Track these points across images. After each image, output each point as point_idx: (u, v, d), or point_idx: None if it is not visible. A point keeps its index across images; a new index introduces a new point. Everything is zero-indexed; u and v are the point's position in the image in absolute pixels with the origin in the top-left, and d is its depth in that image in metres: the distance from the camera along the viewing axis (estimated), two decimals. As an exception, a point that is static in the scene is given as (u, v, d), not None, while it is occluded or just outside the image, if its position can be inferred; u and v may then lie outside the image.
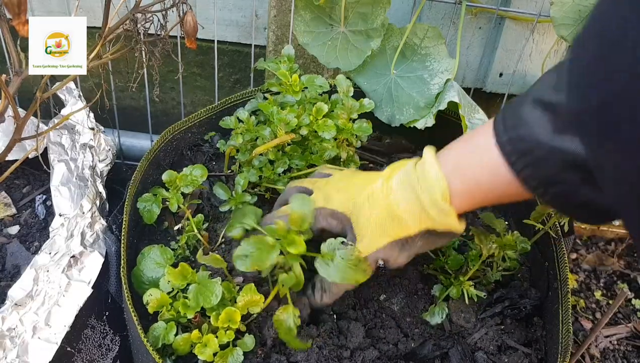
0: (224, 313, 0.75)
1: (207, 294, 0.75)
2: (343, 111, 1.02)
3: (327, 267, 0.74)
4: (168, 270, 0.78)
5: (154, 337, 0.76)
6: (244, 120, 1.02)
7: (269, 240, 0.74)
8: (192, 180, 0.93)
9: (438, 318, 0.86)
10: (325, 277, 0.73)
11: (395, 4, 1.22)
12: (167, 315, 0.77)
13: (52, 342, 0.77)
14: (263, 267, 0.73)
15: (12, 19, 0.68)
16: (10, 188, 1.10)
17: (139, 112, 1.51)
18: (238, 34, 1.36)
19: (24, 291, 0.78)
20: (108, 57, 0.83)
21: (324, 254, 0.75)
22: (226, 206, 0.94)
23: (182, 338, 0.75)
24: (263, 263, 0.72)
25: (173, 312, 0.77)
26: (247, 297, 0.77)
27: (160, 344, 0.75)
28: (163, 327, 0.76)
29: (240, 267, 0.72)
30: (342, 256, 0.74)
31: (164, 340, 0.75)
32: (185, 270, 0.78)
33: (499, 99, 1.39)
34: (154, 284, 0.82)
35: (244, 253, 0.73)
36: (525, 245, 0.88)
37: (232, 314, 0.75)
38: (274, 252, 0.73)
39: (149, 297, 0.77)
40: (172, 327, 0.76)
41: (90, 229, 0.89)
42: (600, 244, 1.62)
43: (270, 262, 0.73)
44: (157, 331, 0.76)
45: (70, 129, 1.05)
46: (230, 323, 0.75)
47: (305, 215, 0.75)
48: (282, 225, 0.75)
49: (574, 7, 1.03)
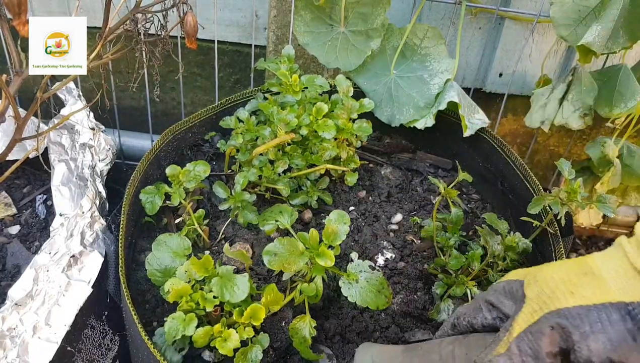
0: (249, 309, 0.73)
1: (231, 288, 0.74)
2: (343, 111, 1.02)
3: (350, 287, 0.75)
4: (191, 261, 0.76)
5: (171, 328, 0.73)
6: (244, 120, 1.03)
7: (299, 246, 0.74)
8: (194, 175, 0.94)
9: (444, 314, 0.85)
10: (347, 296, 0.74)
11: (395, 4, 1.22)
12: (185, 307, 0.75)
13: (52, 341, 0.77)
14: (288, 270, 0.73)
15: (13, 19, 0.68)
16: (11, 188, 1.10)
17: (139, 112, 1.51)
18: (238, 34, 1.37)
19: (24, 291, 0.78)
20: (108, 57, 0.83)
21: (350, 274, 0.76)
22: (225, 204, 0.94)
23: (204, 331, 0.73)
24: (290, 266, 0.73)
25: (192, 303, 0.75)
26: (270, 296, 0.76)
27: (180, 335, 0.73)
28: (182, 317, 0.73)
29: (268, 262, 0.72)
30: (367, 279, 0.75)
31: (183, 331, 0.72)
32: (208, 262, 0.77)
33: (499, 99, 1.39)
34: (167, 273, 0.80)
35: (274, 251, 0.73)
36: (527, 245, 0.88)
37: (257, 311, 0.73)
38: (302, 260, 0.73)
39: (170, 286, 0.75)
40: (193, 319, 0.73)
41: (90, 229, 0.89)
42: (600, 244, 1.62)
43: (296, 267, 0.73)
44: (176, 322, 0.73)
45: (70, 128, 1.05)
46: (252, 319, 0.74)
47: (339, 232, 0.76)
48: (315, 235, 0.75)
49: (574, 7, 1.03)
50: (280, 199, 0.99)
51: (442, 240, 0.93)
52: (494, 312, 0.63)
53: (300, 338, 0.76)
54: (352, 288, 0.75)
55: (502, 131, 1.49)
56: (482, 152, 1.11)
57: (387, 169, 1.12)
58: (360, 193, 1.08)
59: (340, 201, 1.05)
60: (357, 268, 0.76)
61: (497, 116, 1.34)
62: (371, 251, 0.95)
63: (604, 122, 1.23)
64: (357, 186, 1.09)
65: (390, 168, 1.13)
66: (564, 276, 0.55)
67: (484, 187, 1.12)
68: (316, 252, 0.75)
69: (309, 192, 1.00)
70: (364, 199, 1.07)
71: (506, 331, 0.56)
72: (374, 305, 0.75)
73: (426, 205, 1.07)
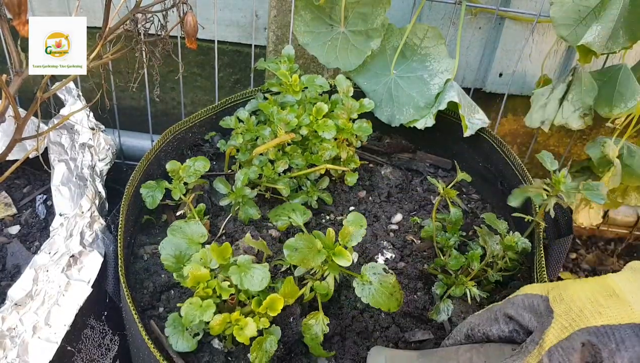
0: (268, 299, 0.73)
1: (251, 277, 0.73)
2: (343, 111, 1.02)
3: (363, 287, 0.76)
4: (212, 247, 0.75)
5: (189, 312, 0.72)
6: (244, 120, 1.03)
7: (318, 244, 0.75)
8: (194, 171, 0.95)
9: (444, 315, 0.86)
10: (360, 297, 0.75)
11: (395, 4, 1.22)
12: (201, 293, 0.74)
13: (52, 341, 0.77)
14: (306, 265, 0.74)
15: (13, 19, 0.68)
16: (11, 188, 1.10)
17: (139, 112, 1.51)
18: (238, 34, 1.37)
19: (24, 291, 0.78)
20: (108, 57, 0.83)
21: (364, 275, 0.76)
22: (226, 200, 0.94)
23: (222, 318, 0.72)
24: (308, 262, 0.73)
25: (209, 290, 0.74)
26: (288, 288, 0.76)
27: (197, 320, 0.72)
28: (199, 303, 0.72)
29: (288, 257, 0.73)
30: (380, 281, 0.76)
31: (201, 316, 0.71)
32: (226, 251, 0.76)
33: (499, 99, 1.39)
34: (181, 259, 0.78)
35: (295, 246, 0.74)
36: (526, 245, 0.88)
37: (276, 301, 0.73)
38: (320, 257, 0.74)
39: (189, 271, 0.74)
40: (211, 305, 0.72)
41: (89, 229, 0.89)
42: (600, 244, 1.62)
43: (314, 264, 0.74)
44: (192, 307, 0.72)
45: (70, 128, 1.05)
46: (269, 310, 0.74)
47: (355, 234, 0.77)
48: (331, 235, 0.76)
49: (574, 7, 1.03)
50: (280, 199, 0.99)
51: (442, 240, 0.93)
52: (511, 324, 0.67)
53: (312, 334, 0.77)
54: (365, 289, 0.76)
55: (502, 131, 1.49)
56: (482, 152, 1.11)
57: (387, 168, 1.12)
58: (360, 193, 1.08)
59: (340, 201, 1.05)
60: (371, 270, 0.77)
61: (497, 116, 1.34)
62: (371, 251, 0.95)
63: (604, 122, 1.23)
64: (357, 186, 1.09)
65: (390, 168, 1.13)
66: (590, 296, 0.60)
67: (484, 187, 1.12)
68: (332, 251, 0.76)
69: (309, 192, 1.00)
70: (364, 199, 1.07)
71: (535, 344, 0.60)
72: (385, 307, 0.75)
73: (426, 205, 1.07)
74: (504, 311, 0.67)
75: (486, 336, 0.69)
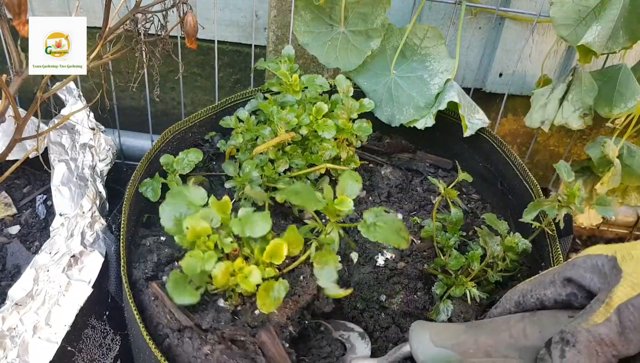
0: (270, 246, 0.71)
1: (251, 224, 0.72)
2: (343, 111, 1.02)
3: (368, 229, 0.74)
4: (212, 201, 0.74)
5: (190, 263, 0.70)
6: (244, 119, 1.03)
7: (317, 195, 0.76)
8: (188, 162, 0.98)
9: (444, 315, 0.85)
10: (370, 238, 0.74)
11: (395, 4, 1.22)
12: (203, 247, 0.72)
13: (52, 341, 0.77)
14: (309, 207, 0.75)
15: (13, 19, 0.68)
16: (11, 188, 1.10)
17: (139, 112, 1.51)
18: (238, 34, 1.37)
19: (24, 291, 0.78)
20: (108, 57, 0.83)
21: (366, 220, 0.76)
22: (231, 182, 0.96)
23: (224, 266, 0.70)
24: (310, 204, 0.74)
25: (210, 243, 0.72)
26: (291, 235, 0.74)
27: (199, 270, 0.69)
28: (200, 255, 0.70)
29: (291, 198, 0.74)
30: (385, 222, 0.75)
31: (202, 266, 0.69)
32: (226, 206, 0.74)
33: (499, 99, 1.39)
34: (180, 223, 0.75)
35: (296, 190, 0.76)
36: (526, 246, 0.88)
37: (279, 247, 0.71)
38: (321, 204, 0.75)
39: (189, 224, 0.71)
40: (212, 256, 0.70)
41: (90, 229, 0.89)
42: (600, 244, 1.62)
43: (315, 207, 0.75)
44: (194, 259, 0.70)
45: (70, 128, 1.05)
46: (273, 258, 0.72)
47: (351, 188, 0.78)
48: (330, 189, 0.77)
49: (574, 7, 1.03)
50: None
51: (442, 240, 0.93)
52: (569, 287, 0.64)
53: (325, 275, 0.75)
54: (371, 229, 0.75)
55: (502, 131, 1.50)
56: (482, 152, 1.11)
57: (387, 168, 1.12)
58: (360, 193, 1.08)
59: (340, 201, 1.05)
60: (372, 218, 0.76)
61: (497, 116, 1.34)
62: (371, 251, 0.95)
63: (604, 122, 1.23)
64: (357, 186, 1.09)
65: (390, 168, 1.13)
66: None
67: (484, 187, 1.12)
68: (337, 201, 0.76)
69: (309, 192, 1.00)
70: (364, 199, 1.07)
71: (601, 302, 0.57)
72: (394, 242, 0.74)
73: (426, 205, 1.07)
74: (563, 275, 0.64)
75: (540, 301, 0.66)
